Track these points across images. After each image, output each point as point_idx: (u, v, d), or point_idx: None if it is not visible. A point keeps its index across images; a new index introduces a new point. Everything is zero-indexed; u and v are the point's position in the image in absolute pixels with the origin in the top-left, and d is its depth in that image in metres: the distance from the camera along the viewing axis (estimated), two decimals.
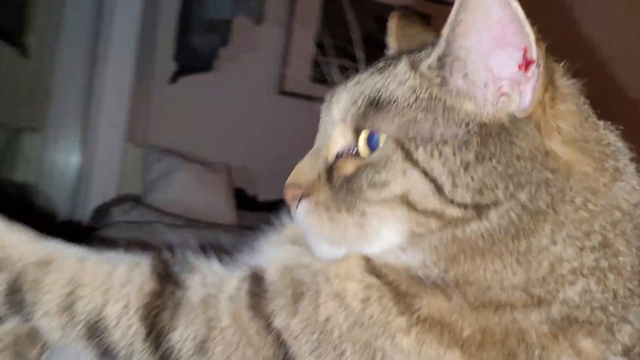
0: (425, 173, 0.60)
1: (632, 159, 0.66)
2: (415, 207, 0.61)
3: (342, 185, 0.65)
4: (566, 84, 0.66)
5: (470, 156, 0.60)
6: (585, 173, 0.62)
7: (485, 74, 0.61)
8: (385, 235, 0.63)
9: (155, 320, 0.65)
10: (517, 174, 0.59)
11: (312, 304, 0.63)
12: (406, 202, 0.61)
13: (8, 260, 0.68)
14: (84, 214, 3.08)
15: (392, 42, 0.81)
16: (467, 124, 0.61)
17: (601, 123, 0.67)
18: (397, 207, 0.62)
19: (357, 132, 0.66)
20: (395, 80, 0.65)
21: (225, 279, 0.68)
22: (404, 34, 0.81)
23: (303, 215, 0.67)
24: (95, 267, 0.68)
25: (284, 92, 3.55)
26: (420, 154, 0.61)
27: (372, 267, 0.64)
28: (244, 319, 0.64)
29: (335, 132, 0.68)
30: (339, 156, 0.67)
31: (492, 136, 0.60)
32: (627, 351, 0.61)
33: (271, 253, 0.73)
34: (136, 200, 2.96)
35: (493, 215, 0.59)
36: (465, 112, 0.61)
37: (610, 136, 0.66)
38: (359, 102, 0.66)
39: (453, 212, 0.60)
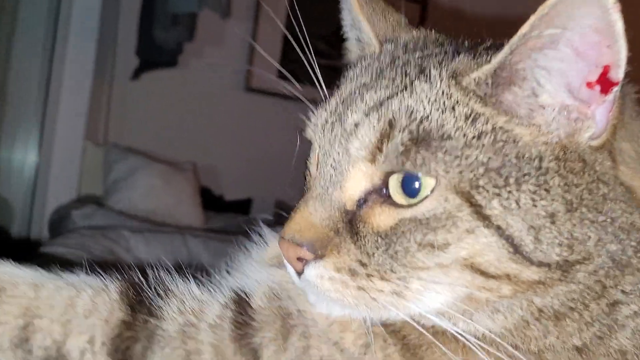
0: (500, 230, 0.50)
1: None
2: (484, 272, 0.51)
3: (376, 244, 0.53)
4: (626, 93, 0.56)
5: (557, 204, 0.49)
6: None
7: (559, 94, 0.50)
8: (427, 301, 0.53)
9: (126, 355, 0.57)
10: (610, 220, 0.50)
11: (303, 341, 0.56)
12: (470, 265, 0.51)
13: None
14: (43, 215, 2.97)
15: (362, 21, 0.67)
16: (540, 160, 0.50)
17: None
18: (457, 271, 0.51)
19: (388, 173, 0.53)
20: (438, 102, 0.52)
21: (206, 305, 0.61)
22: (375, 13, 0.69)
23: (315, 281, 0.55)
24: (54, 294, 0.60)
25: (251, 89, 3.48)
26: (494, 209, 0.50)
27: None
28: (228, 353, 0.57)
29: (357, 173, 0.55)
30: (361, 203, 0.55)
31: (575, 174, 0.50)
32: None
33: (255, 275, 0.65)
34: (98, 202, 2.85)
35: (581, 274, 0.50)
36: (532, 143, 0.51)
37: None
38: (397, 136, 0.52)
39: (533, 274, 0.50)
